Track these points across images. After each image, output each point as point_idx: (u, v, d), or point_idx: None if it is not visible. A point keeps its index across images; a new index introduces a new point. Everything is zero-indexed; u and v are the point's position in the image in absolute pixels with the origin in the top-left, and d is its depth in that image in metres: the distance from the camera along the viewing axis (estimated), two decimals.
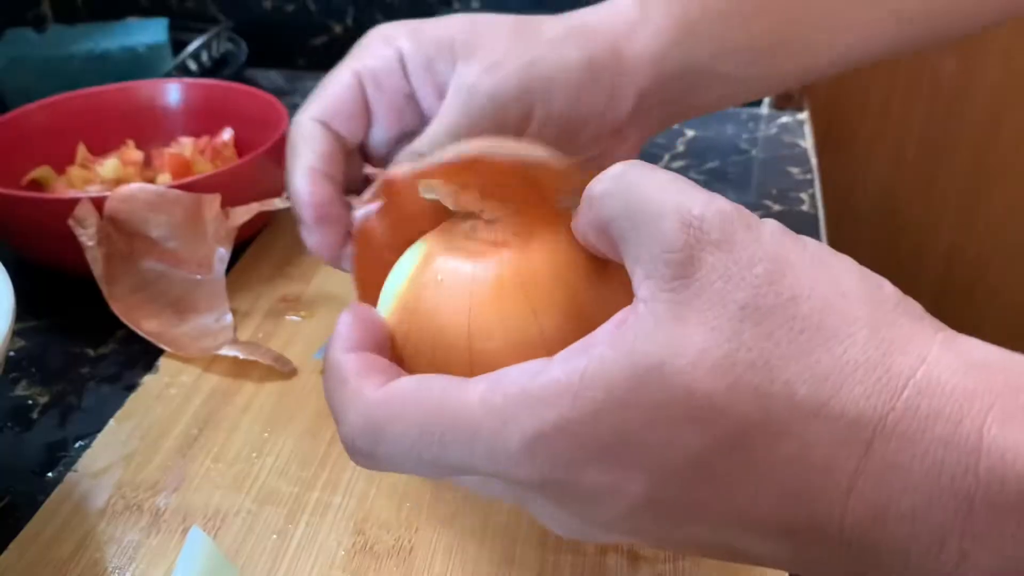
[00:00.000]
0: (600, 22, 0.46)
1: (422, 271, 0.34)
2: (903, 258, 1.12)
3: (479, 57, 0.43)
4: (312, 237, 0.44)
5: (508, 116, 0.43)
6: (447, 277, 0.33)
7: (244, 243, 0.64)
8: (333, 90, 0.45)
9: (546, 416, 0.26)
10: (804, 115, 0.89)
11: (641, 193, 0.27)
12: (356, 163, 0.48)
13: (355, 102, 0.45)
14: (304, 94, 0.48)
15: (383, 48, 0.45)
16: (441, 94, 0.44)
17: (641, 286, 0.27)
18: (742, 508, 0.26)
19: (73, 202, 0.54)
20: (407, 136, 0.46)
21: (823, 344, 0.24)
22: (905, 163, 1.10)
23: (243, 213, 0.55)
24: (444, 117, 0.43)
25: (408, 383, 0.30)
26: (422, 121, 0.46)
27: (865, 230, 1.10)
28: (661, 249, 0.26)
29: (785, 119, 0.89)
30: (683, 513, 0.27)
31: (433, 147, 0.41)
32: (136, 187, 0.55)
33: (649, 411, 0.25)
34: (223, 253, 0.55)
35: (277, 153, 0.62)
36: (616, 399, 0.26)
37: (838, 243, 0.70)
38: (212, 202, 0.55)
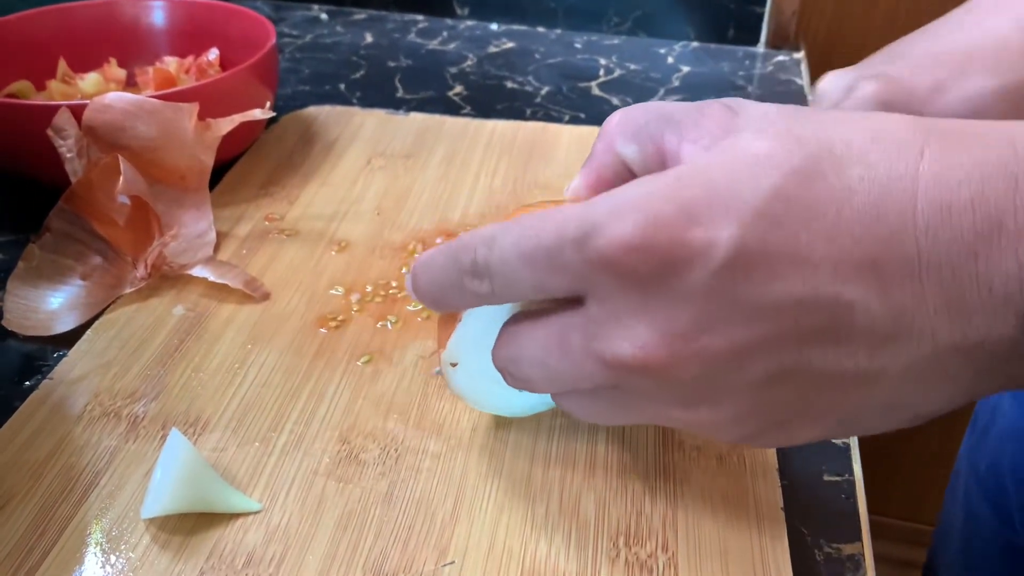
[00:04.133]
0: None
1: None
2: None
3: None
4: None
5: None
6: None
7: (228, 163, 0.63)
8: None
9: (629, 191, 0.29)
10: (800, 54, 0.88)
11: (667, 105, 0.33)
12: None
13: None
14: (292, 23, 0.46)
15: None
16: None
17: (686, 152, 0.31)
18: (827, 237, 0.27)
19: (52, 110, 0.53)
20: None
21: (864, 119, 0.29)
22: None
23: (225, 124, 0.54)
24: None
25: None
26: None
27: None
28: (709, 117, 0.31)
29: (781, 58, 0.87)
30: (773, 257, 0.27)
31: None
32: (114, 96, 0.53)
33: (729, 166, 0.28)
34: (205, 163, 0.54)
35: (261, 68, 0.60)
36: (696, 166, 0.29)
37: None
38: (191, 111, 0.53)
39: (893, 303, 0.27)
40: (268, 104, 0.57)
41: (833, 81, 0.47)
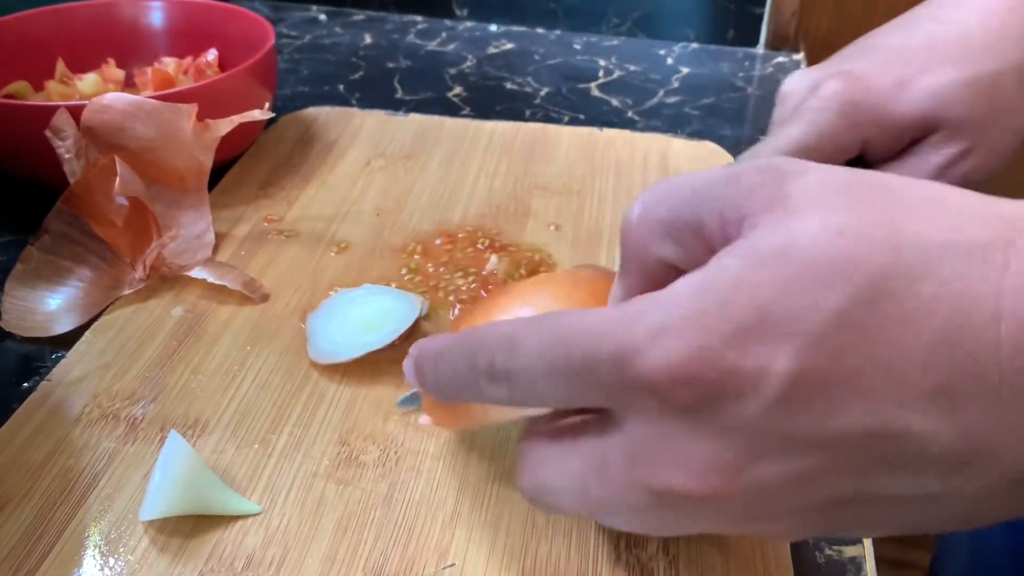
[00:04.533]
0: (1010, 53, 0.45)
1: None
2: None
3: (950, 140, 0.45)
4: None
5: (971, 184, 0.45)
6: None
7: (227, 164, 0.63)
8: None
9: (673, 311, 0.25)
10: (800, 55, 0.88)
11: (690, 184, 0.29)
12: None
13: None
14: (291, 24, 0.46)
15: (849, 136, 0.45)
16: (896, 146, 0.46)
17: (734, 241, 0.27)
18: (894, 367, 0.24)
19: (50, 111, 0.52)
20: None
21: (936, 205, 0.26)
22: None
23: (224, 125, 0.54)
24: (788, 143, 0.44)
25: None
26: None
27: None
28: (749, 189, 0.27)
29: (781, 59, 0.87)
30: (834, 389, 0.25)
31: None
32: (113, 96, 0.53)
33: (783, 281, 0.25)
34: (204, 164, 0.54)
35: (260, 70, 0.60)
36: (746, 280, 0.25)
37: None
38: (190, 112, 0.53)
39: (970, 432, 0.25)
40: (267, 105, 0.56)
41: (797, 81, 0.47)
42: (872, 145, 0.45)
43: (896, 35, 0.47)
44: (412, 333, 0.46)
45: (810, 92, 0.45)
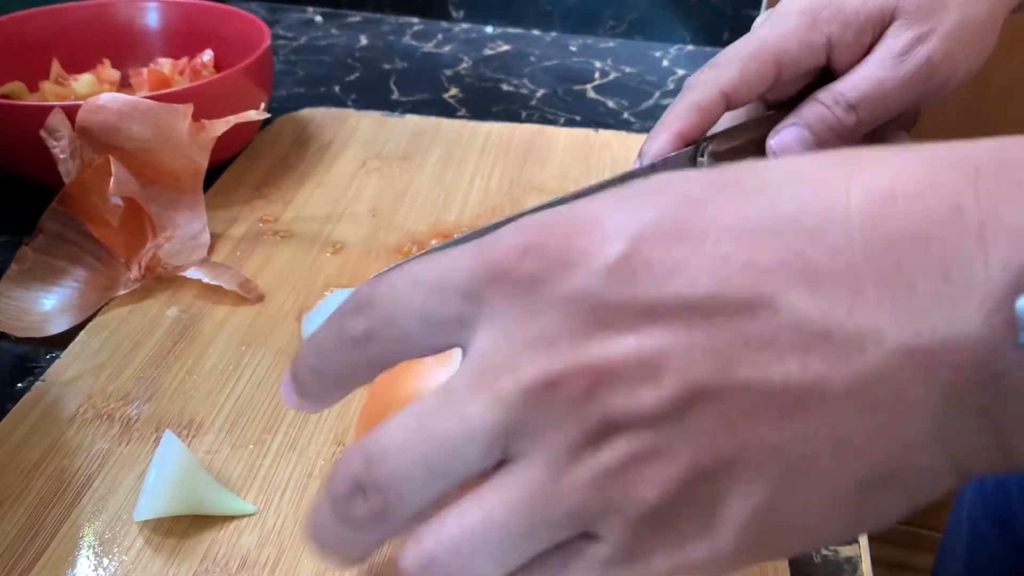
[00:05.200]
0: None
1: None
2: None
3: (907, 25, 0.46)
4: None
5: (934, 77, 0.47)
6: None
7: (223, 164, 0.63)
8: (750, 67, 0.46)
9: (532, 219, 0.26)
10: None
11: None
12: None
13: (767, 82, 0.46)
14: (287, 25, 0.46)
15: (810, 34, 0.46)
16: (860, 48, 0.47)
17: None
18: (741, 230, 0.24)
19: (45, 111, 0.52)
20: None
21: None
22: None
23: (219, 125, 0.54)
24: (869, 71, 0.46)
25: None
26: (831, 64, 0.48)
27: None
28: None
29: None
30: (677, 255, 0.24)
31: (860, 95, 0.46)
32: (108, 97, 0.53)
33: (643, 186, 0.26)
34: (200, 165, 0.53)
35: (256, 70, 0.60)
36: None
37: None
38: (185, 112, 0.53)
39: (823, 296, 0.23)
40: (263, 105, 0.56)
41: None
42: (836, 47, 0.47)
43: None
44: None
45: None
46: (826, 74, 0.48)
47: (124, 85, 0.66)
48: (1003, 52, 1.04)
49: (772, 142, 0.48)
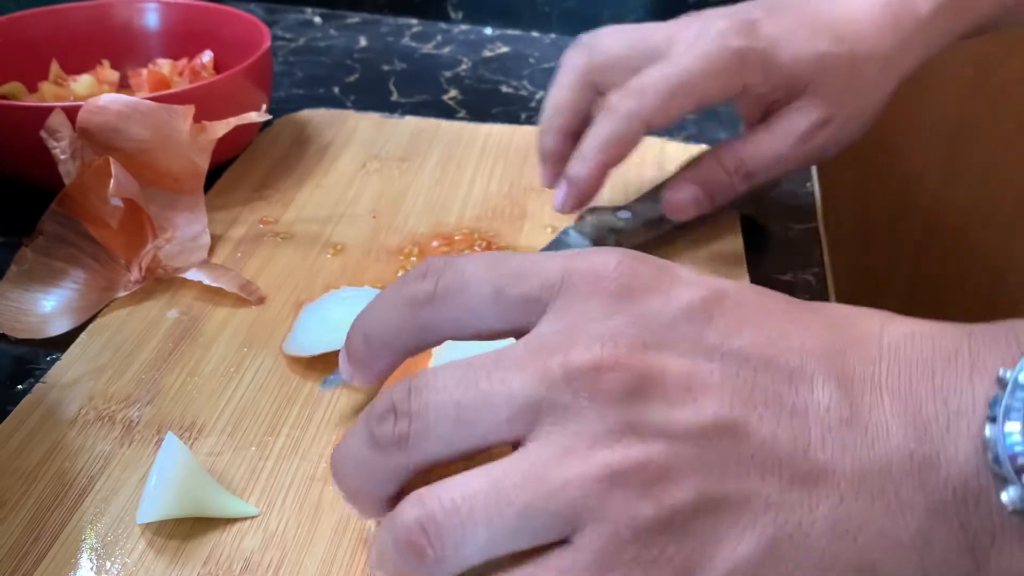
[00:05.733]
0: (890, 54, 0.50)
1: None
2: (886, 212, 1.12)
3: (815, 105, 0.49)
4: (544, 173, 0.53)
5: (824, 156, 0.51)
6: None
7: (223, 165, 0.62)
8: (672, 104, 0.47)
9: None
10: None
11: None
12: None
13: (684, 113, 0.48)
14: (285, 26, 0.46)
15: (732, 79, 0.48)
16: (766, 110, 0.50)
17: None
18: (799, 321, 0.29)
19: (45, 111, 0.52)
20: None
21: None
22: (891, 117, 1.09)
23: (220, 127, 0.53)
24: (774, 148, 0.49)
25: None
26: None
27: (851, 178, 1.09)
28: None
29: None
30: (746, 313, 0.29)
31: (761, 168, 0.50)
32: (109, 98, 0.53)
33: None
34: (200, 166, 0.53)
35: (256, 71, 0.60)
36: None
37: (828, 185, 0.69)
38: (186, 114, 0.53)
39: (852, 391, 0.27)
40: (263, 107, 0.56)
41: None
42: (747, 93, 0.48)
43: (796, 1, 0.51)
44: None
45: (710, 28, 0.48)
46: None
47: (123, 86, 0.66)
48: (1001, 53, 1.04)
49: (668, 197, 0.50)
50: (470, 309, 0.29)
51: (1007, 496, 0.25)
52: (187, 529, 0.37)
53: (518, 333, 0.30)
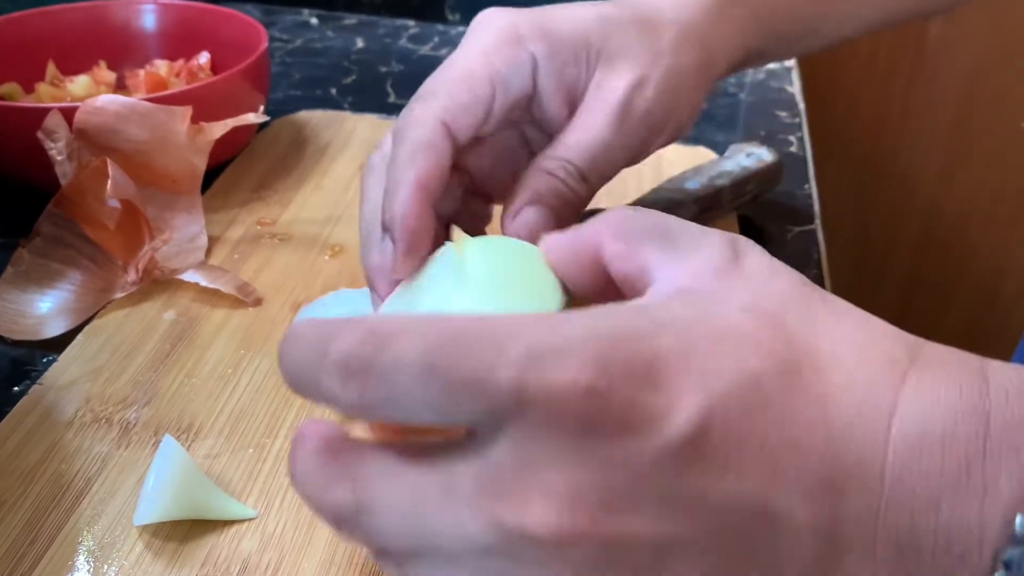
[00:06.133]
0: (692, 19, 0.44)
1: None
2: (884, 215, 1.12)
3: (620, 70, 0.42)
4: (384, 260, 0.39)
5: (654, 131, 0.43)
6: None
7: (220, 167, 0.62)
8: (462, 89, 0.40)
9: (597, 321, 0.25)
10: (792, 63, 0.88)
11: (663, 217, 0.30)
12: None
13: (483, 106, 0.40)
14: (282, 28, 0.46)
15: (515, 50, 0.41)
16: (570, 100, 0.42)
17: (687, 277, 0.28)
18: (797, 446, 0.24)
19: (42, 112, 0.52)
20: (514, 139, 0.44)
21: (850, 312, 0.28)
22: (889, 118, 1.09)
23: (218, 128, 0.53)
24: (594, 131, 0.41)
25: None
26: (536, 123, 0.44)
27: (849, 180, 1.09)
28: (706, 251, 0.29)
29: (772, 65, 0.87)
30: (734, 452, 0.24)
31: (589, 161, 0.41)
32: (106, 99, 0.52)
33: (714, 330, 0.25)
34: (198, 167, 0.53)
35: (253, 73, 0.60)
36: (677, 316, 0.26)
37: (826, 190, 0.69)
38: (184, 115, 0.53)
39: (838, 545, 0.25)
40: (261, 108, 0.56)
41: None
42: (542, 71, 0.41)
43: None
44: None
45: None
46: (536, 123, 0.44)
47: (120, 87, 0.66)
48: (996, 58, 1.05)
49: (511, 224, 0.40)
50: (407, 418, 0.25)
51: None
52: (185, 531, 0.37)
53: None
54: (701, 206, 0.54)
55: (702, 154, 0.67)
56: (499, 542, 0.24)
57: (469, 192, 0.44)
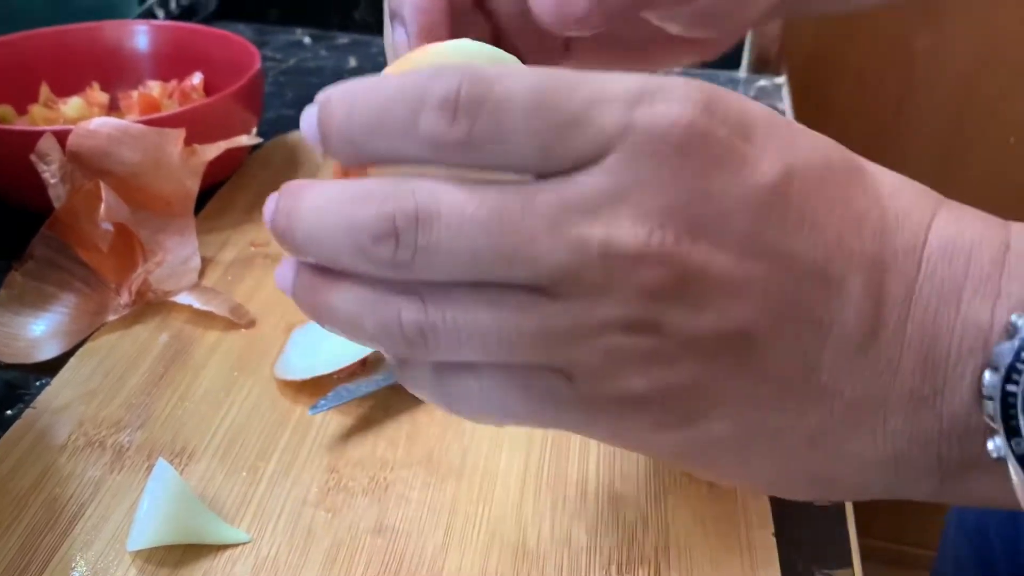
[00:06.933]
0: None
1: None
2: None
3: None
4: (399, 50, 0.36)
5: None
6: None
7: (213, 188, 0.62)
8: None
9: (697, 82, 0.26)
10: (782, 79, 0.89)
11: None
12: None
13: None
14: (275, 47, 0.46)
15: None
16: None
17: None
18: (856, 219, 0.27)
19: (36, 135, 0.52)
20: None
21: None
22: (880, 134, 1.09)
23: (210, 150, 0.54)
24: None
25: None
26: None
27: None
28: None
29: (763, 83, 0.88)
30: (809, 213, 0.26)
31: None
32: (99, 121, 0.53)
33: (791, 123, 0.28)
34: (191, 189, 0.53)
35: (246, 94, 0.60)
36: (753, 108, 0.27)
37: None
38: (177, 137, 0.53)
39: (881, 314, 0.27)
40: (254, 130, 0.56)
41: None
42: None
43: None
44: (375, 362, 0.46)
45: None
46: None
47: (113, 108, 0.66)
48: (984, 73, 1.05)
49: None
50: (503, 163, 0.25)
51: (992, 444, 0.26)
52: (178, 556, 0.37)
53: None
54: None
55: None
56: (571, 262, 0.24)
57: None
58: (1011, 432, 0.26)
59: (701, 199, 0.25)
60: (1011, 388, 0.26)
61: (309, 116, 0.28)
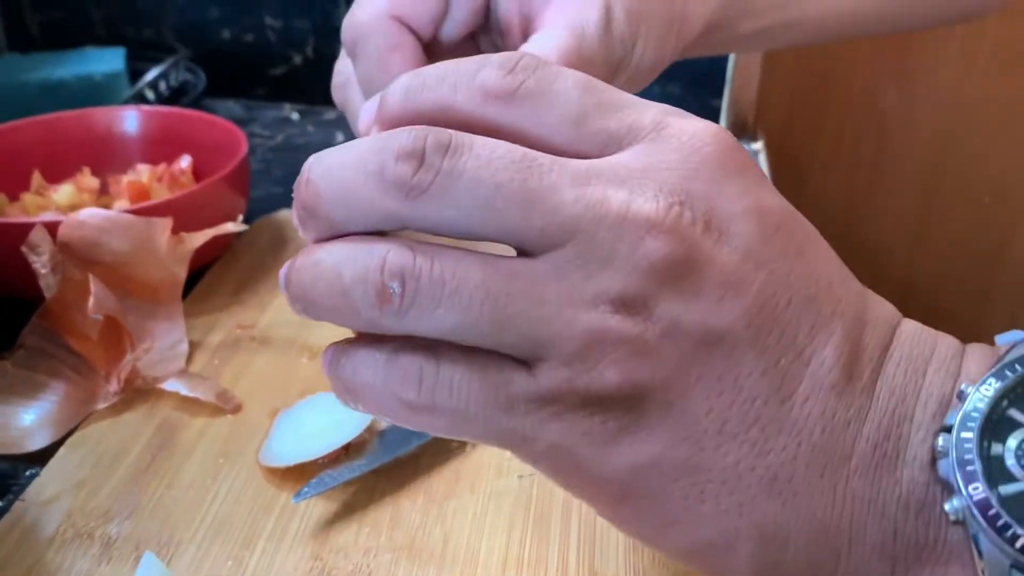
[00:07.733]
0: None
1: None
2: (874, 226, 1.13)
3: None
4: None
5: (614, 54, 0.39)
6: None
7: (200, 271, 0.64)
8: None
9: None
10: (759, 144, 0.91)
11: None
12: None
13: None
14: (263, 124, 0.48)
15: None
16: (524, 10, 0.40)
17: None
18: (846, 277, 0.29)
19: (27, 227, 0.54)
20: (471, 34, 0.42)
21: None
22: (857, 193, 1.11)
23: (198, 238, 0.55)
24: (558, 40, 0.37)
25: None
26: (490, 17, 0.42)
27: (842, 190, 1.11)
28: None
29: None
30: (810, 250, 0.28)
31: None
32: (88, 213, 0.54)
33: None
34: (178, 276, 0.55)
35: (233, 179, 0.62)
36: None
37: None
38: (164, 226, 0.54)
39: (856, 365, 0.28)
40: (240, 217, 0.58)
41: None
42: None
43: None
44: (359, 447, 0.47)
45: None
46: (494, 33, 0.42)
47: (104, 193, 0.68)
48: (957, 132, 1.06)
49: None
50: (543, 122, 0.27)
51: (950, 506, 0.26)
52: None
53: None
54: None
55: None
56: (588, 216, 0.25)
57: None
58: (967, 478, 0.26)
59: (722, 195, 0.27)
60: (964, 435, 0.26)
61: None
